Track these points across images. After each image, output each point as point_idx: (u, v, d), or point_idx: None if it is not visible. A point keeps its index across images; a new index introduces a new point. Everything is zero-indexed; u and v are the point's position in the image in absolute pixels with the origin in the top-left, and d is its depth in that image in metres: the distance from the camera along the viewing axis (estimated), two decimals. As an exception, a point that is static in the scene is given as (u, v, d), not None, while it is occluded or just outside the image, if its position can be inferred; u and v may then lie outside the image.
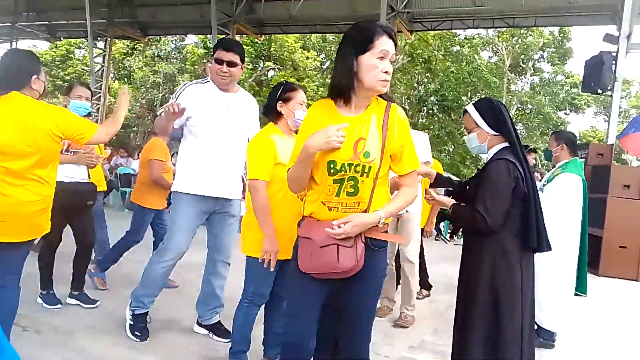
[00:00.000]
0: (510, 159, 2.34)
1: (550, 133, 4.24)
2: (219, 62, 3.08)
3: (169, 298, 3.95)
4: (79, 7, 15.53)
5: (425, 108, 25.74)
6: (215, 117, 3.11)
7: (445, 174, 3.18)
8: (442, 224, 10.79)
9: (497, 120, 2.45)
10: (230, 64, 3.08)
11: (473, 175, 2.61)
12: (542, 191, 3.85)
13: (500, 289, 2.31)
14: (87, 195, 3.71)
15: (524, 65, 25.58)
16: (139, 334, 3.12)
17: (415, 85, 25.60)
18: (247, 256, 2.68)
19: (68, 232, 3.76)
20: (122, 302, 3.65)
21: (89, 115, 4.45)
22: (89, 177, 3.74)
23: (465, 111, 2.59)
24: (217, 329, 3.34)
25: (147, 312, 3.22)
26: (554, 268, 3.83)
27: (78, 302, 3.72)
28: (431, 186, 2.69)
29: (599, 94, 10.34)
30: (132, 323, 3.16)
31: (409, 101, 24.38)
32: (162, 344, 3.15)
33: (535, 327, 3.91)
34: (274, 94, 2.74)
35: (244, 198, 3.25)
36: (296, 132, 2.47)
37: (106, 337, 3.18)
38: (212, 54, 3.20)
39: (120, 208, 11.31)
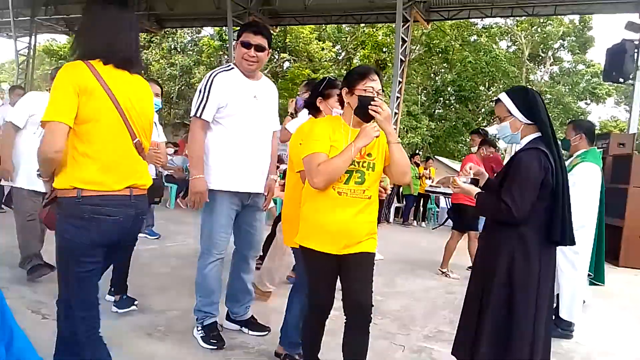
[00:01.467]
0: (542, 149, 2.27)
1: (567, 122, 4.16)
2: (247, 45, 2.91)
3: (188, 288, 3.99)
4: (96, 0, 15.64)
5: (441, 99, 25.52)
6: (245, 107, 2.96)
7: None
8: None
9: (530, 109, 2.38)
10: (259, 48, 2.92)
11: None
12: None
13: (515, 281, 2.27)
14: (156, 192, 3.56)
15: (543, 55, 25.11)
16: (216, 342, 2.98)
17: (432, 75, 25.37)
18: (292, 248, 2.70)
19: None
20: (136, 289, 3.72)
21: (158, 111, 4.49)
22: (156, 174, 3.68)
23: (498, 100, 2.51)
24: (251, 323, 3.28)
25: (216, 320, 3.12)
26: (571, 258, 3.79)
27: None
28: (481, 188, 2.61)
29: (620, 83, 10.13)
30: (204, 335, 3.02)
31: (425, 91, 24.19)
32: (184, 333, 3.19)
33: (554, 317, 3.90)
34: (316, 89, 2.71)
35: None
36: None
37: (122, 323, 3.23)
38: (237, 37, 3.00)
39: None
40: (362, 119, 2.28)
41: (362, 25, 21.43)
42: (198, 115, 2.89)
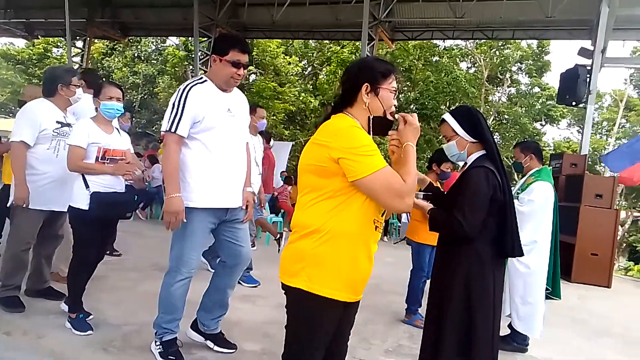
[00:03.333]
0: (489, 167, 2.36)
1: (513, 146, 4.35)
2: (237, 65, 2.84)
3: (146, 302, 3.90)
4: (58, 5, 15.28)
5: (405, 116, 25.94)
6: (221, 121, 2.88)
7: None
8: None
9: (474, 127, 2.47)
10: (245, 67, 2.90)
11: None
12: (517, 199, 3.94)
13: (473, 294, 2.33)
14: (127, 207, 3.51)
15: (501, 77, 26.03)
16: (174, 358, 2.91)
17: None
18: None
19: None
20: (92, 303, 3.61)
21: (123, 115, 4.32)
22: (125, 187, 3.49)
23: (443, 120, 2.58)
24: (219, 339, 3.23)
25: (176, 336, 3.03)
26: (531, 275, 3.92)
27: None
28: (431, 201, 2.67)
29: (573, 106, 10.60)
30: (162, 351, 2.94)
31: (389, 109, 24.58)
32: (141, 348, 3.11)
33: (509, 331, 4.00)
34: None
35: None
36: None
37: (77, 338, 3.13)
38: (220, 52, 2.85)
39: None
40: (376, 132, 1.91)
41: (329, 42, 21.70)
42: (172, 130, 2.76)
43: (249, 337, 3.52)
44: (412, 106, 24.93)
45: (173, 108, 2.79)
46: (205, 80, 2.92)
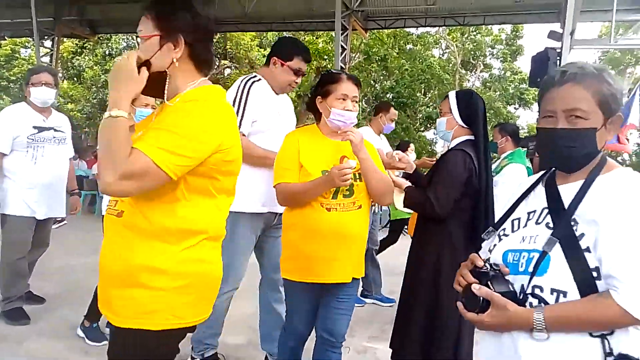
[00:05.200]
0: (467, 151, 2.39)
1: (494, 126, 4.46)
2: (297, 73, 2.75)
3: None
4: (24, 5, 14.88)
5: (381, 105, 26.11)
6: (272, 124, 2.74)
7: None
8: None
9: (469, 113, 2.50)
10: (303, 75, 2.80)
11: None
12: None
13: (442, 275, 2.36)
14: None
15: (474, 62, 26.33)
16: None
17: (372, 82, 25.90)
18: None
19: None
20: (73, 307, 3.57)
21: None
22: None
23: (447, 96, 2.61)
24: None
25: (216, 351, 2.93)
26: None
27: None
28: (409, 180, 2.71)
29: (544, 88, 10.77)
30: None
31: (365, 98, 24.66)
32: None
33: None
34: (314, 87, 2.37)
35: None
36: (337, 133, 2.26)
37: (58, 342, 3.11)
38: (283, 56, 2.72)
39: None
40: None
41: (303, 32, 21.63)
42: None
43: (235, 331, 3.53)
44: (388, 95, 25.08)
45: (234, 104, 2.60)
46: (260, 79, 2.75)
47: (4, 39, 21.93)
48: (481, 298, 1.23)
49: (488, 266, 1.27)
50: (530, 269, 1.23)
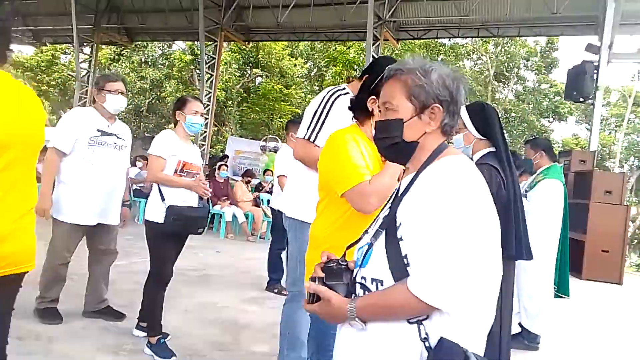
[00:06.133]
0: (492, 165, 2.33)
1: (524, 142, 4.30)
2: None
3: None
4: (65, 12, 15.44)
5: (411, 116, 25.97)
6: None
7: None
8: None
9: (484, 124, 2.45)
10: None
11: None
12: (526, 197, 3.92)
13: None
14: (201, 222, 3.30)
15: (507, 74, 25.92)
16: None
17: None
18: None
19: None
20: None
21: None
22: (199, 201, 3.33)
23: None
24: None
25: None
26: (536, 272, 3.90)
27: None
28: None
29: (581, 102, 10.54)
30: None
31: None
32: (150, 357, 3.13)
33: (519, 329, 3.98)
34: (365, 84, 2.16)
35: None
36: None
37: (89, 342, 3.15)
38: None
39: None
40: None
41: (334, 43, 21.74)
42: (312, 140, 2.45)
43: (258, 339, 3.53)
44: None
45: (315, 116, 2.50)
46: (348, 92, 2.55)
47: (45, 45, 22.76)
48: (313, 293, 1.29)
49: (336, 262, 1.32)
50: (360, 261, 1.30)
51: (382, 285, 1.22)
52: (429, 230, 1.15)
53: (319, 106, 2.51)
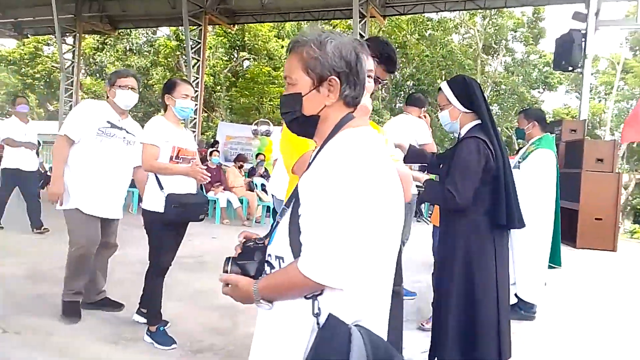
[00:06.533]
0: (480, 137, 2.35)
1: (518, 112, 4.30)
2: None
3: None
4: (45, 3, 15.11)
5: (402, 92, 25.85)
6: None
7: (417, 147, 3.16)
8: (422, 205, 10.90)
9: (469, 97, 2.46)
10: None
11: (447, 149, 2.62)
12: (518, 168, 3.93)
13: (473, 265, 2.34)
14: (201, 209, 3.25)
15: (496, 47, 25.79)
16: None
17: (391, 70, 25.65)
18: None
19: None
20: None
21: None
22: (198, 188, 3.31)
23: (440, 89, 2.59)
24: None
25: None
26: (530, 242, 3.92)
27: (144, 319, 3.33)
28: (405, 160, 2.70)
29: (569, 71, 10.52)
30: None
31: (385, 87, 24.42)
32: (151, 347, 3.14)
33: (516, 300, 4.03)
34: None
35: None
36: None
37: (88, 333, 3.15)
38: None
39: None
40: None
41: (320, 22, 21.52)
42: None
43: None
44: (408, 82, 24.79)
45: None
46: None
47: (27, 37, 22.33)
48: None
49: (254, 241, 1.33)
50: (268, 239, 1.32)
51: (283, 262, 1.22)
52: (316, 206, 1.14)
53: None
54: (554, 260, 4.74)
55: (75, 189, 3.37)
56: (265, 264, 1.28)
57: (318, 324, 1.14)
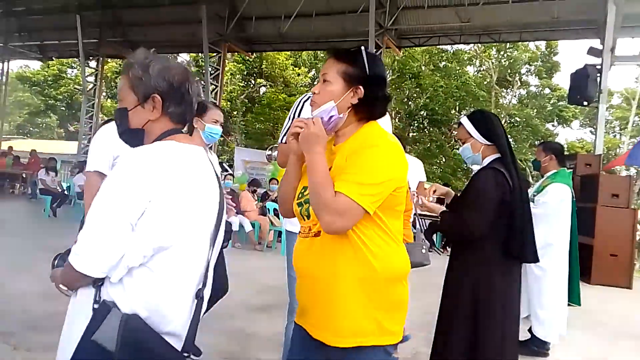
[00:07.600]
0: (499, 169, 2.37)
1: (537, 144, 4.31)
2: None
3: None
4: (71, 27, 15.64)
5: (415, 122, 25.99)
6: None
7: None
8: (434, 235, 10.81)
9: (489, 130, 2.49)
10: None
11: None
12: (533, 201, 3.91)
13: (480, 297, 2.32)
14: (227, 235, 3.07)
15: (510, 79, 25.92)
16: None
17: (405, 100, 25.85)
18: None
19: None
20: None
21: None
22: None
23: (460, 123, 2.62)
24: None
25: None
26: (548, 279, 3.88)
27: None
28: (446, 206, 2.69)
29: (585, 106, 10.52)
30: None
31: (399, 116, 24.61)
32: None
33: (529, 336, 3.96)
34: None
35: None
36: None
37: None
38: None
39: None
40: None
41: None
42: (280, 141, 2.59)
43: (265, 348, 3.53)
44: (422, 112, 24.94)
45: (288, 121, 2.54)
46: None
47: (52, 60, 23.00)
48: None
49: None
50: None
51: None
52: (94, 202, 1.29)
53: (292, 111, 2.61)
54: (572, 299, 4.64)
55: None
56: None
57: (94, 309, 1.28)
